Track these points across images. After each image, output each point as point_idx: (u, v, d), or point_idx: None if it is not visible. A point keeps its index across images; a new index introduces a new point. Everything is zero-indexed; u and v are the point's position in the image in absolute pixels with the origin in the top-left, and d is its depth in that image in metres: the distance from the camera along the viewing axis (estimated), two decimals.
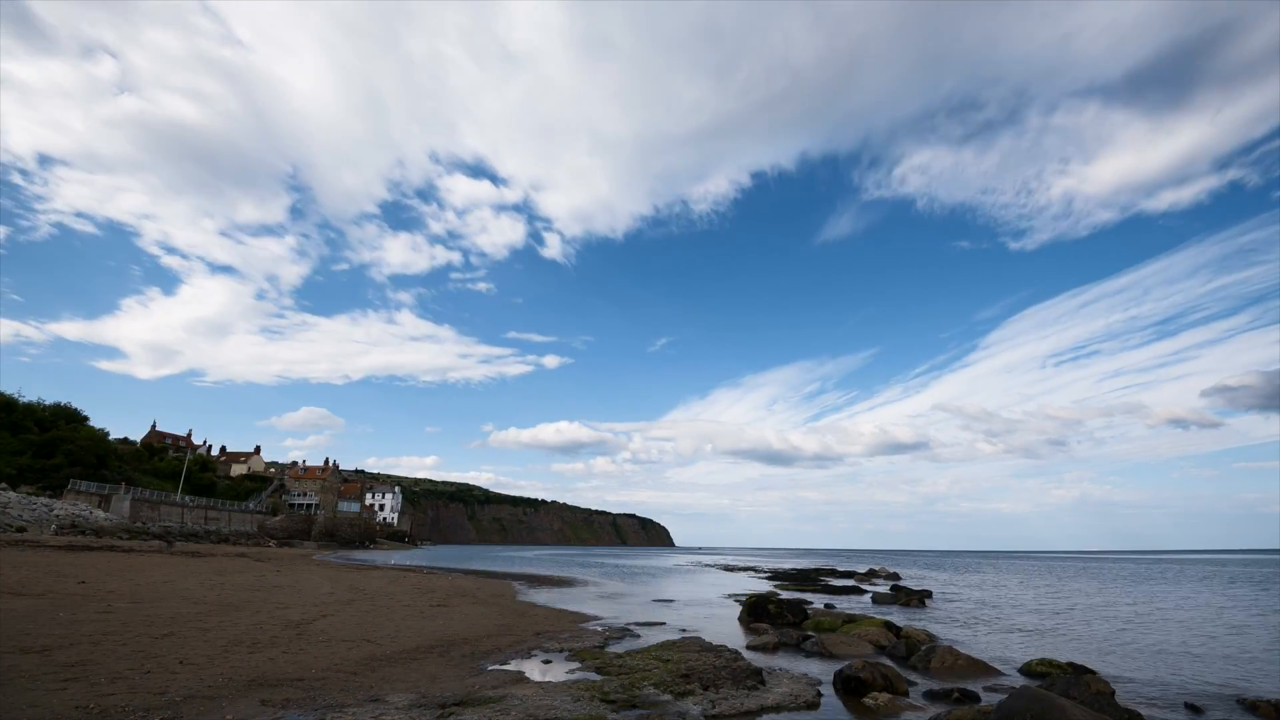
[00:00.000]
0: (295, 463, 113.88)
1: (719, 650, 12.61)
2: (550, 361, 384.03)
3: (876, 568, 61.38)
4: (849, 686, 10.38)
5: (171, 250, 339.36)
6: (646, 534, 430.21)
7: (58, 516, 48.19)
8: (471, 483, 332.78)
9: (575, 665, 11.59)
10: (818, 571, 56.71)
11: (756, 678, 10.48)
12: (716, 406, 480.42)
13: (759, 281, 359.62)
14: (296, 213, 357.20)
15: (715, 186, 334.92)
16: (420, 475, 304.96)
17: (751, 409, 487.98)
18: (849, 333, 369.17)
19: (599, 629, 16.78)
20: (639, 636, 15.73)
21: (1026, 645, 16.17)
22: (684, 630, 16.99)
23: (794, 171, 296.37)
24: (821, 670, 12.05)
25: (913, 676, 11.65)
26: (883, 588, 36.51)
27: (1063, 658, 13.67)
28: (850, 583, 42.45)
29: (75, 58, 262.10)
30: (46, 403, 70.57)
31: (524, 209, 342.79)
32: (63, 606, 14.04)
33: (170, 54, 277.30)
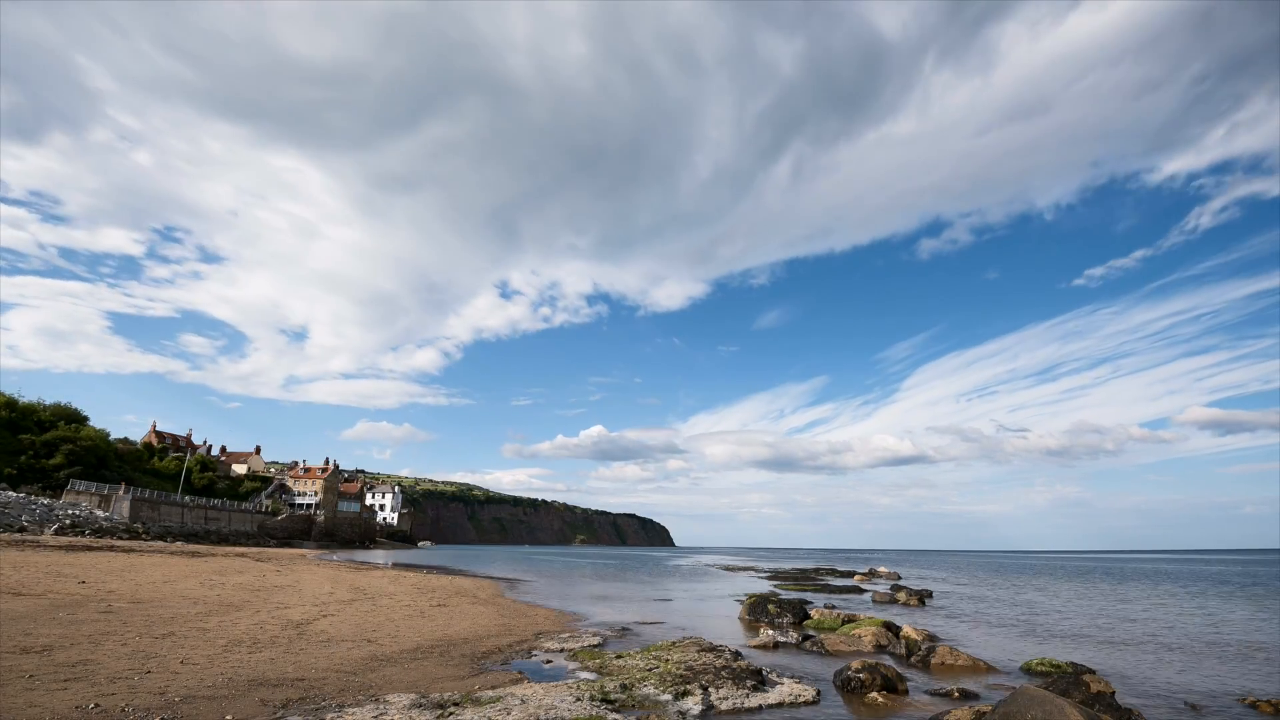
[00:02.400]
0: (296, 463, 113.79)
1: (719, 650, 12.61)
2: (595, 396, 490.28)
3: (877, 568, 61.39)
4: (849, 686, 10.38)
5: (309, 325, 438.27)
6: (646, 534, 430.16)
7: (58, 516, 48.19)
8: (483, 485, 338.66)
9: (575, 665, 11.59)
10: (818, 571, 56.73)
11: (757, 678, 10.49)
12: (701, 425, 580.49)
13: (754, 331, 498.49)
14: (425, 297, 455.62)
15: (756, 279, 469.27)
16: (456, 479, 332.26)
17: (728, 427, 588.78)
18: (802, 370, 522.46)
19: (599, 629, 16.79)
20: (639, 636, 15.73)
21: (1026, 644, 16.17)
22: (684, 630, 16.99)
23: (802, 268, 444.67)
24: (822, 670, 12.06)
25: (913, 676, 11.65)
26: (883, 587, 36.51)
27: (1062, 657, 13.67)
28: (850, 582, 42.46)
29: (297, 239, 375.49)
30: (47, 403, 70.60)
31: (607, 298, 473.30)
32: (63, 606, 14.04)
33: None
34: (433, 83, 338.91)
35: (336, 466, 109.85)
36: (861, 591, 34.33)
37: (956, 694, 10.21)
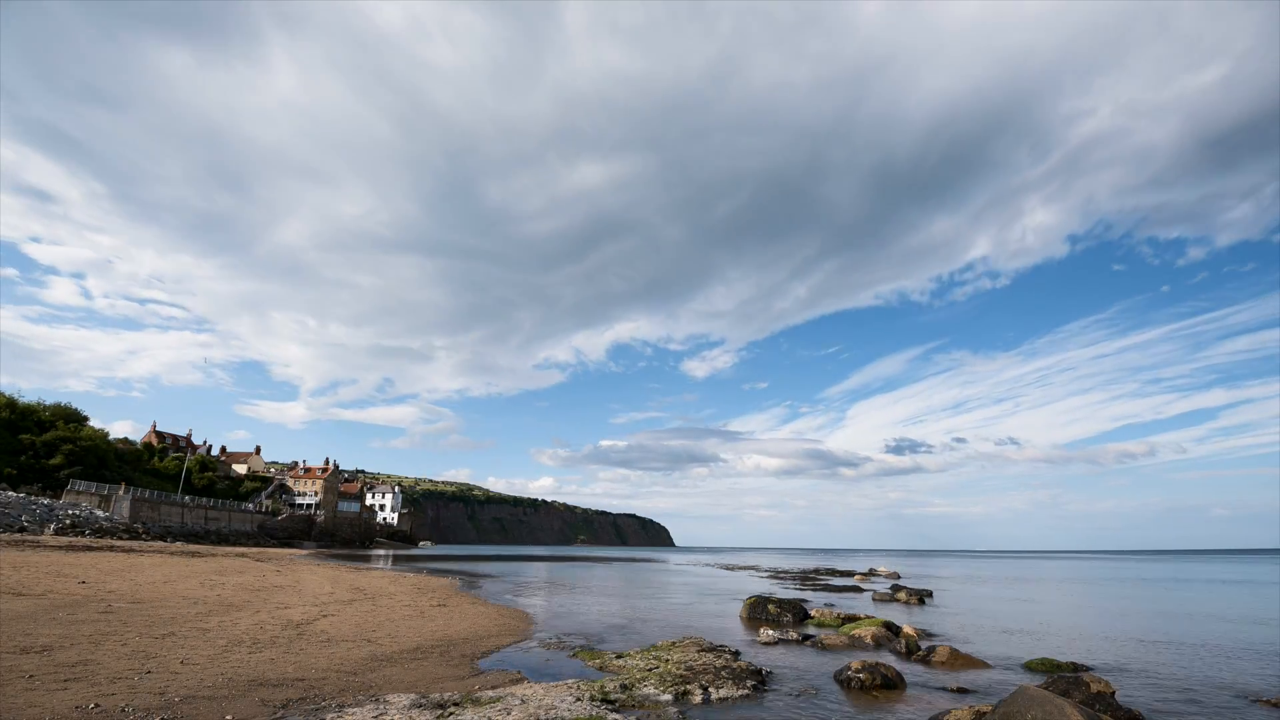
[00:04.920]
0: (296, 463, 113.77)
1: (719, 650, 12.62)
2: (619, 419, 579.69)
3: (876, 567, 61.40)
4: (849, 685, 10.38)
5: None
6: (646, 534, 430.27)
7: (58, 516, 48.18)
8: (474, 485, 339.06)
9: (576, 665, 11.59)
10: (817, 571, 56.72)
11: (757, 677, 10.48)
12: (715, 438, 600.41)
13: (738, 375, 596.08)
14: (519, 354, 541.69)
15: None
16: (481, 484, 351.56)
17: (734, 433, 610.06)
18: (768, 402, 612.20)
19: (599, 628, 16.79)
20: (639, 636, 15.73)
21: (1027, 643, 16.16)
22: (684, 630, 16.98)
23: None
24: (822, 669, 12.05)
25: (913, 674, 11.64)
26: (882, 587, 36.51)
27: (1063, 656, 13.67)
28: (850, 582, 42.46)
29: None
30: (47, 403, 70.57)
31: (660, 355, 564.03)
32: (63, 606, 14.04)
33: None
34: (598, 230, 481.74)
35: (336, 466, 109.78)
36: (861, 591, 34.33)
37: (957, 692, 10.21)
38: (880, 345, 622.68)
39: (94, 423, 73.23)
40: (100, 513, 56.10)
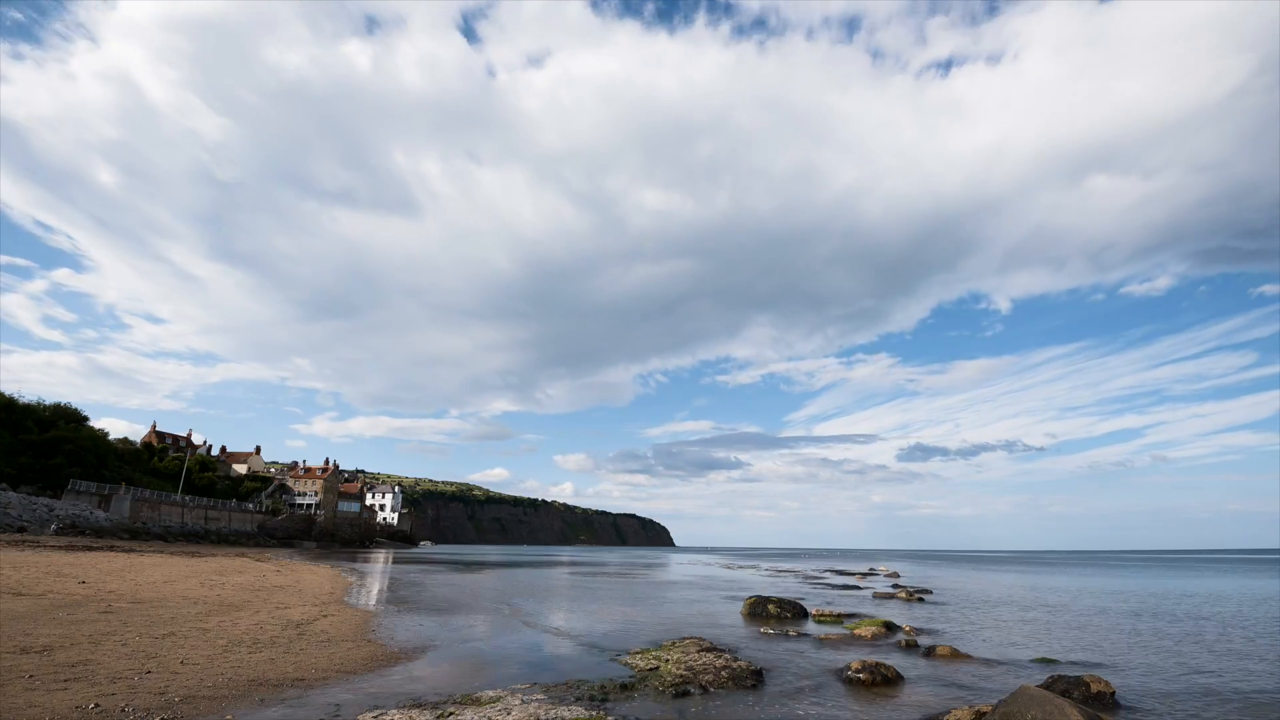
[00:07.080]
0: (296, 463, 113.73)
1: (719, 650, 12.62)
2: (647, 432, 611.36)
3: (876, 566, 61.43)
4: (849, 684, 10.38)
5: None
6: (646, 534, 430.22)
7: (58, 516, 48.18)
8: (476, 484, 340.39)
9: (576, 664, 11.59)
10: (818, 570, 56.73)
11: (756, 676, 10.49)
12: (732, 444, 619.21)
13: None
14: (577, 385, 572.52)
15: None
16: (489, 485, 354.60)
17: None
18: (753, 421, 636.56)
19: (599, 628, 16.79)
20: (639, 635, 15.73)
21: (1026, 643, 16.16)
22: (684, 629, 16.98)
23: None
24: (821, 668, 12.05)
25: (912, 673, 11.65)
26: (882, 586, 36.53)
27: (1062, 656, 13.68)
28: (850, 581, 42.45)
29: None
30: (47, 403, 70.52)
31: (694, 383, 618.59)
32: (63, 606, 14.04)
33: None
34: (671, 298, 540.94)
35: (336, 466, 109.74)
36: (860, 590, 34.33)
37: (956, 691, 10.21)
38: (869, 368, 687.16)
39: (93, 423, 73.21)
40: (100, 513, 56.09)
